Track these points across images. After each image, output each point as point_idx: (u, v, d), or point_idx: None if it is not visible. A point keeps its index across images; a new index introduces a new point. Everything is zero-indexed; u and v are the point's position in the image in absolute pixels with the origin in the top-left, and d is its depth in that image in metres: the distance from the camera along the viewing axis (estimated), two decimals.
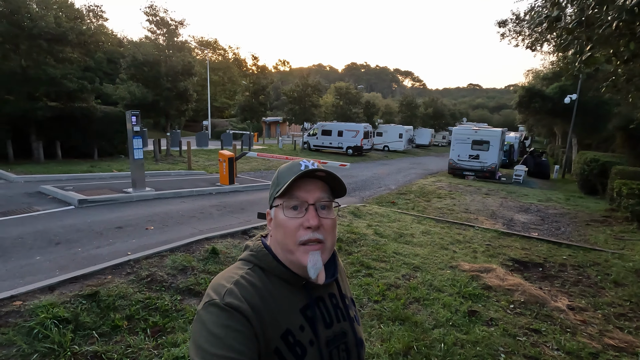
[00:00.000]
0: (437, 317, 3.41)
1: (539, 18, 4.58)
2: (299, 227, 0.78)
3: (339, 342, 0.84)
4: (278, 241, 0.81)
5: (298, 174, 0.78)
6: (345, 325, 0.87)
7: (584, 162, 13.53)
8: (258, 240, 0.87)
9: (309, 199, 0.79)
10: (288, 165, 0.85)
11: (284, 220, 0.79)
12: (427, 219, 7.50)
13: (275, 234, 0.82)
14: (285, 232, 0.79)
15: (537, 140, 49.38)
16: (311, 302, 0.82)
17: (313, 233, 0.78)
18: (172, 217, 6.37)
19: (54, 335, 2.58)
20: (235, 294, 0.73)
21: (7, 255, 4.20)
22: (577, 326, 3.43)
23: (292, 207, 0.79)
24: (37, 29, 10.62)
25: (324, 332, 0.82)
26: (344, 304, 0.90)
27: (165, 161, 14.39)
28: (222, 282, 0.77)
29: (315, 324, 0.81)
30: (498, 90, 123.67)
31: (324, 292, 0.87)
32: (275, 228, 0.82)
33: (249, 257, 0.83)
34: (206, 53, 40.56)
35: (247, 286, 0.76)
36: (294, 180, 0.78)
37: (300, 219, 0.78)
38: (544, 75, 24.39)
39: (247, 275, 0.78)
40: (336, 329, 0.85)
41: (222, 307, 0.70)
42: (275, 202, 0.82)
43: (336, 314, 0.87)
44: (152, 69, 14.22)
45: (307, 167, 0.82)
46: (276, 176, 0.85)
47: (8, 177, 8.79)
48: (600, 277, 4.74)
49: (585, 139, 22.55)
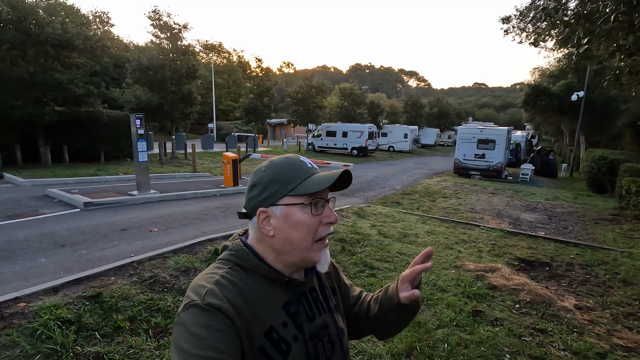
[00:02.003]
0: (440, 317, 3.37)
1: (536, 11, 4.53)
2: (319, 224, 0.79)
3: (322, 335, 0.84)
4: (291, 240, 0.78)
5: (334, 177, 0.78)
6: (327, 317, 0.88)
7: (592, 160, 13.34)
8: (237, 239, 0.86)
9: (325, 196, 0.81)
10: (288, 160, 0.82)
11: (306, 219, 0.78)
12: (432, 219, 7.44)
13: (287, 234, 0.78)
14: (307, 231, 0.78)
15: (544, 138, 48.84)
16: (294, 298, 0.82)
17: (330, 228, 0.82)
18: (176, 219, 6.40)
19: (57, 337, 2.59)
20: (216, 293, 0.71)
21: (14, 257, 4.26)
22: (585, 326, 3.37)
23: (314, 205, 0.79)
24: (44, 35, 10.80)
25: (307, 326, 0.82)
26: (323, 296, 0.91)
27: (170, 164, 14.49)
28: (202, 282, 0.75)
29: (298, 319, 0.80)
30: (504, 89, 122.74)
31: (306, 287, 0.87)
32: (289, 228, 0.78)
33: (229, 257, 0.82)
34: (211, 56, 40.84)
35: (228, 285, 0.74)
36: (309, 180, 0.79)
37: (320, 215, 0.80)
38: (550, 73, 24.17)
39: (228, 275, 0.77)
40: (319, 322, 0.85)
41: (202, 307, 0.69)
42: (285, 200, 0.78)
43: (317, 307, 0.87)
44: (157, 73, 14.37)
45: (312, 165, 0.84)
46: (278, 172, 0.80)
47: (16, 181, 8.92)
48: (609, 276, 4.65)
49: (593, 137, 22.25)
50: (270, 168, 0.81)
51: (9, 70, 11.08)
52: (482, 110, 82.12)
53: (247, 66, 43.73)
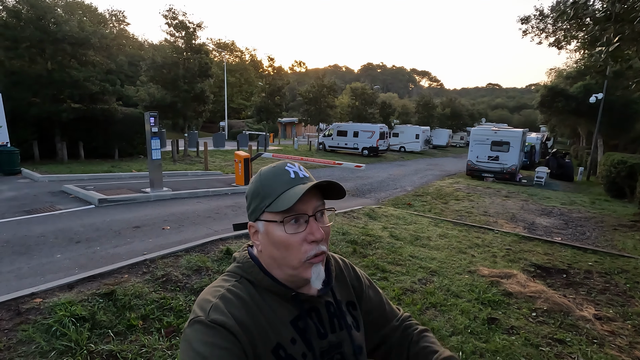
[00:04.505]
0: (454, 324, 3.30)
1: (564, 6, 4.37)
2: (302, 242, 0.72)
3: (333, 353, 0.80)
4: (275, 259, 0.75)
5: (301, 192, 0.69)
6: (342, 335, 0.82)
7: (611, 163, 12.99)
8: (244, 251, 0.83)
9: (308, 210, 0.73)
10: (272, 170, 0.77)
11: (284, 238, 0.72)
12: (445, 222, 7.33)
13: (271, 252, 0.74)
14: (288, 250, 0.72)
15: (559, 141, 47.81)
16: (303, 313, 0.78)
17: (318, 246, 0.73)
18: (188, 217, 6.44)
19: (72, 334, 2.62)
20: (220, 309, 0.69)
21: (30, 252, 4.33)
22: (605, 337, 3.26)
23: (292, 221, 0.72)
24: (61, 33, 11.00)
25: (318, 343, 0.78)
26: (340, 312, 0.85)
27: (182, 161, 14.64)
28: (207, 297, 0.73)
29: (307, 335, 0.77)
30: (518, 90, 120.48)
31: (318, 301, 0.82)
32: (270, 245, 0.74)
33: (235, 269, 0.79)
34: (223, 55, 41.14)
35: (234, 300, 0.72)
36: (286, 194, 0.72)
37: (302, 233, 0.72)
38: (567, 74, 23.61)
39: (234, 288, 0.75)
40: (331, 339, 0.81)
41: (207, 324, 0.67)
42: (265, 216, 0.74)
43: (331, 323, 0.82)
44: (171, 71, 14.50)
45: (298, 174, 0.76)
46: (260, 185, 0.75)
47: (33, 176, 9.11)
48: (630, 285, 4.50)
49: (611, 140, 21.68)
50: (256, 180, 0.78)
51: (28, 68, 11.33)
52: (496, 111, 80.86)
53: (259, 65, 43.96)
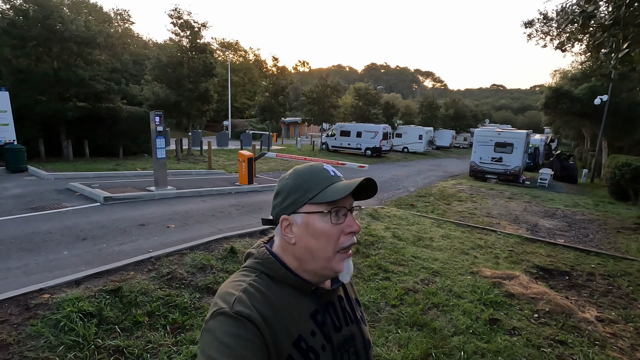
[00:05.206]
0: (456, 324, 3.32)
1: (572, 15, 4.36)
2: (340, 233, 0.79)
3: (348, 346, 0.84)
4: (311, 250, 0.79)
5: (354, 185, 0.76)
6: (354, 328, 0.88)
7: (615, 166, 12.93)
8: (262, 247, 0.86)
9: (346, 204, 0.80)
10: (310, 168, 0.82)
11: (327, 228, 0.78)
12: (447, 223, 7.34)
13: (307, 243, 0.79)
14: (327, 240, 0.78)
15: (563, 142, 47.58)
16: (320, 307, 0.82)
17: (353, 237, 0.80)
18: (192, 215, 6.49)
19: (79, 329, 2.66)
20: (244, 302, 0.71)
21: (38, 249, 4.40)
22: (607, 339, 3.27)
23: (334, 213, 0.78)
24: (68, 32, 11.10)
25: (335, 336, 0.82)
26: (350, 306, 0.91)
27: (186, 160, 14.71)
28: (230, 290, 0.75)
29: (326, 328, 0.80)
30: (522, 91, 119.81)
31: (333, 296, 0.87)
32: (308, 236, 0.78)
33: (255, 265, 0.82)
34: (227, 54, 41.23)
35: (256, 294, 0.74)
36: (330, 188, 0.79)
37: (341, 224, 0.79)
38: (572, 76, 23.48)
39: (255, 283, 0.77)
40: (345, 332, 0.85)
41: (231, 316, 0.69)
42: (306, 208, 0.79)
43: (345, 317, 0.87)
44: (175, 71, 14.58)
45: (335, 173, 0.83)
46: (301, 179, 0.80)
47: (39, 174, 9.20)
48: (632, 287, 4.50)
49: (616, 142, 21.54)
50: (293, 176, 0.82)
51: (35, 66, 11.43)
52: (500, 113, 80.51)
53: (263, 64, 44.01)
